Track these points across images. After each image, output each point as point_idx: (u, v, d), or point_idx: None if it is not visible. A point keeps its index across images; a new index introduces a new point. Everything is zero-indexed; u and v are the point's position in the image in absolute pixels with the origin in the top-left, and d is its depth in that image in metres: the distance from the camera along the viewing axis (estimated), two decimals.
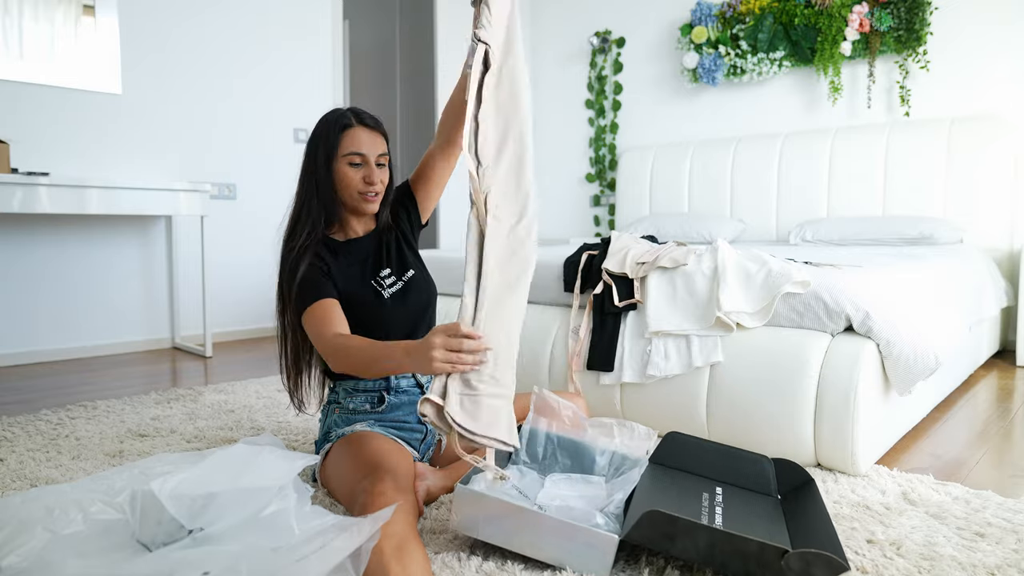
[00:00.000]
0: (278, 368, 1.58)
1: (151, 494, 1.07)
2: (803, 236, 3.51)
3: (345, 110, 1.52)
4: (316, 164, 1.49)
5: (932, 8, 3.48)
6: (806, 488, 1.41)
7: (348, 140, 1.48)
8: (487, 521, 1.20)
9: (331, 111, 1.53)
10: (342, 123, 1.49)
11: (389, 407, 1.53)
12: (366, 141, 1.49)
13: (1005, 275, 3.23)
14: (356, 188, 1.49)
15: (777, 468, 1.47)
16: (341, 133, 1.48)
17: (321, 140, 1.49)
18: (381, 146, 1.52)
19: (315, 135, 1.51)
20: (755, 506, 1.38)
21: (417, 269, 1.60)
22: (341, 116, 1.50)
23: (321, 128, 1.51)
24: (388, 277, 1.54)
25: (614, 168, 4.83)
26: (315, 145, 1.50)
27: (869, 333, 1.66)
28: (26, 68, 3.05)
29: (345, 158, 1.48)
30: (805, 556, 1.06)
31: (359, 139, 1.48)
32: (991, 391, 2.55)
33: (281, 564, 0.94)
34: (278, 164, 3.96)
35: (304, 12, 4.04)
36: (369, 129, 1.50)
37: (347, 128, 1.48)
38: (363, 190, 1.50)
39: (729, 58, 4.13)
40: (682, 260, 1.90)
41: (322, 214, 1.50)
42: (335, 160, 1.49)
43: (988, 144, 3.28)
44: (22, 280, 3.10)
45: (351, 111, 1.52)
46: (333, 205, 1.51)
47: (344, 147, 1.48)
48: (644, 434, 1.56)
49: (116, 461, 1.75)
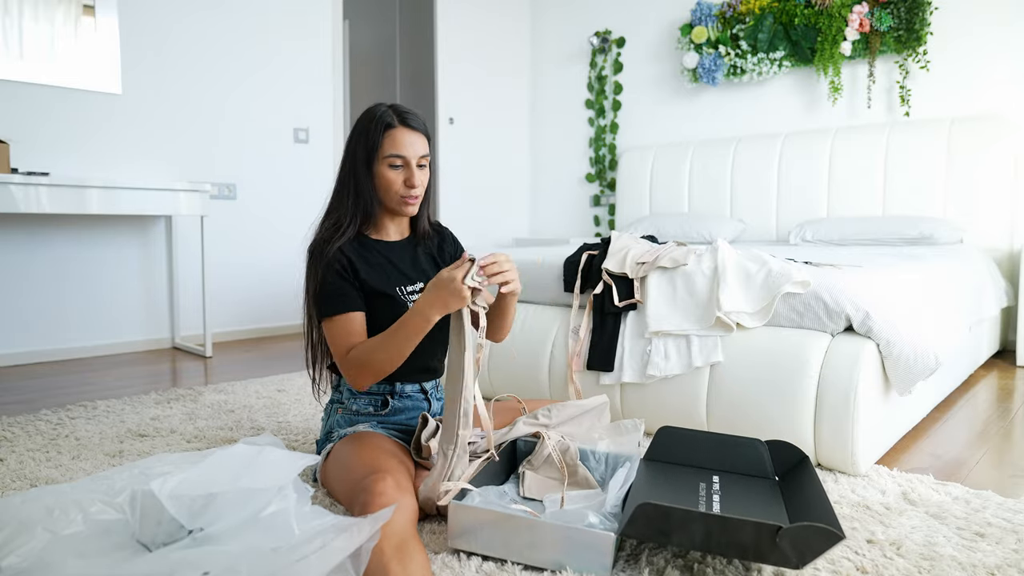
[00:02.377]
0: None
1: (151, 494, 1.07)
2: (803, 236, 3.51)
3: (388, 108, 1.47)
4: (356, 162, 1.46)
5: (932, 8, 3.48)
6: (801, 466, 1.42)
7: (390, 141, 1.44)
8: (483, 533, 1.21)
9: (375, 106, 1.48)
10: (385, 122, 1.44)
11: (393, 411, 1.53)
12: (408, 143, 1.45)
13: (1005, 275, 3.23)
14: (397, 191, 1.46)
15: (772, 450, 1.47)
16: (384, 133, 1.44)
17: (362, 138, 1.45)
18: (423, 147, 1.48)
19: (357, 131, 1.47)
20: (753, 490, 1.39)
21: None
22: (384, 115, 1.45)
23: (363, 124, 1.46)
24: (413, 294, 1.52)
25: (614, 168, 4.83)
26: (356, 142, 1.46)
27: (869, 333, 1.66)
28: (26, 68, 3.05)
29: (386, 160, 1.44)
30: (800, 530, 1.06)
31: (401, 141, 1.44)
32: (991, 391, 2.55)
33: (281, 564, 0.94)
34: (278, 164, 3.96)
35: (304, 12, 4.04)
36: (412, 130, 1.46)
37: (390, 128, 1.44)
38: (404, 193, 1.47)
39: (729, 58, 4.13)
40: (682, 260, 1.90)
41: (359, 214, 1.47)
42: (376, 161, 1.45)
43: (988, 144, 3.28)
44: (22, 280, 3.10)
45: (394, 109, 1.47)
46: (372, 206, 1.48)
47: (386, 148, 1.44)
48: (631, 427, 1.56)
49: (116, 461, 1.75)
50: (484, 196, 5.01)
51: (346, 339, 1.40)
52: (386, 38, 5.96)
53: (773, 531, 1.06)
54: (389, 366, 1.36)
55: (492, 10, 4.95)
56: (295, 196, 4.03)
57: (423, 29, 5.48)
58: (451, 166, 4.76)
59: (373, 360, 1.36)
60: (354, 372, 1.38)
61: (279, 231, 3.96)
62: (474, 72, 4.84)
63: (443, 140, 4.68)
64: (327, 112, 4.18)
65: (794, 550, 1.07)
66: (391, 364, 1.36)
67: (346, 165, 1.48)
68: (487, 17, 4.92)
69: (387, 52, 5.98)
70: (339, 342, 1.41)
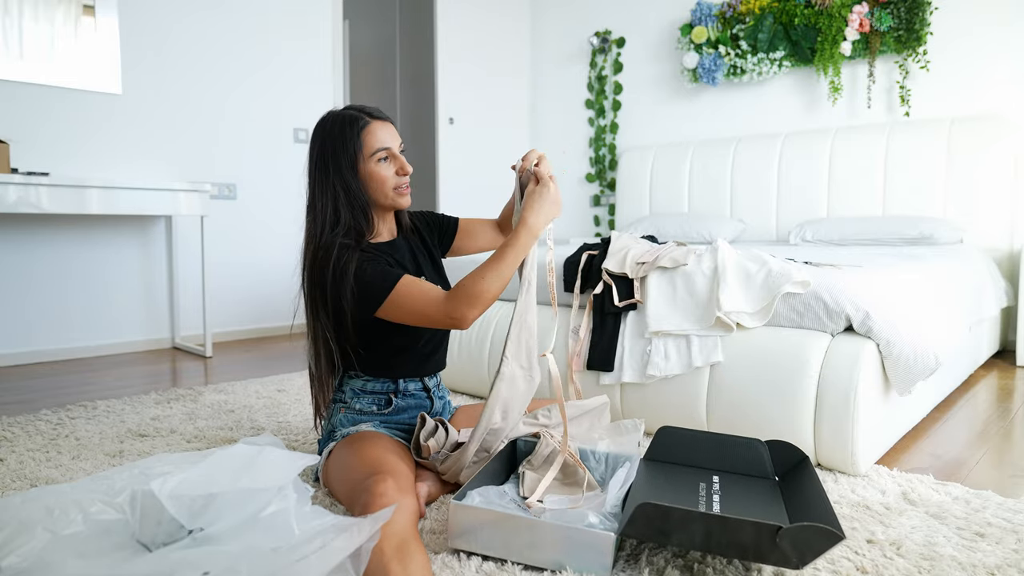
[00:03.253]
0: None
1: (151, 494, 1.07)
2: (803, 236, 3.51)
3: (348, 110, 1.46)
4: (340, 173, 1.42)
5: (932, 8, 3.48)
6: (801, 467, 1.42)
7: (371, 139, 1.43)
8: (483, 533, 1.21)
9: (331, 117, 1.46)
10: (359, 124, 1.43)
11: (396, 409, 1.53)
12: (387, 134, 1.45)
13: (1005, 275, 3.23)
14: (391, 183, 1.45)
15: (772, 450, 1.47)
16: (361, 134, 1.43)
17: (339, 147, 1.42)
18: (397, 136, 1.48)
19: (326, 143, 1.44)
20: (753, 490, 1.39)
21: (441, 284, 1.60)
22: (353, 118, 1.44)
23: (332, 134, 1.43)
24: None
25: (614, 168, 4.83)
26: (330, 154, 1.43)
27: (869, 333, 1.66)
28: (26, 68, 3.05)
29: (373, 157, 1.43)
30: (800, 531, 1.06)
31: (380, 135, 1.44)
32: (991, 391, 2.55)
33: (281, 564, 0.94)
34: (278, 164, 3.96)
35: (304, 12, 4.04)
36: (383, 121, 1.46)
37: (365, 127, 1.43)
38: (398, 183, 1.46)
39: (729, 58, 4.13)
40: (682, 260, 1.90)
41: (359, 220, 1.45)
42: (362, 162, 1.43)
43: (988, 144, 3.28)
44: (22, 280, 3.10)
45: (356, 109, 1.46)
46: (367, 209, 1.46)
47: (369, 146, 1.43)
48: (631, 427, 1.56)
49: (116, 461, 1.75)
50: (484, 196, 5.01)
51: (427, 293, 1.37)
52: (386, 38, 5.96)
53: (773, 531, 1.06)
54: (499, 289, 1.36)
55: (492, 10, 4.95)
56: (295, 196, 4.03)
57: (423, 29, 5.48)
58: (451, 166, 4.75)
59: (486, 287, 1.34)
60: (464, 306, 1.34)
61: (279, 231, 3.96)
62: (474, 72, 4.84)
63: (443, 140, 4.68)
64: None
65: (794, 550, 1.07)
66: (502, 286, 1.37)
67: (324, 180, 1.44)
68: (487, 17, 4.92)
69: (387, 52, 5.98)
70: (423, 299, 1.36)
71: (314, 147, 1.46)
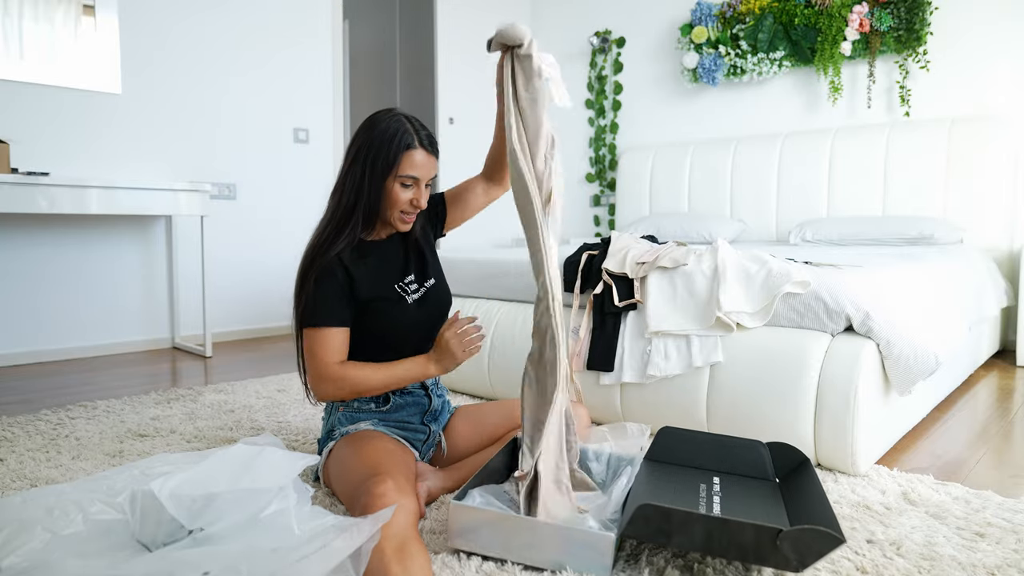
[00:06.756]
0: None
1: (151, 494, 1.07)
2: (803, 236, 3.51)
3: (408, 125, 1.44)
4: (371, 173, 1.43)
5: (932, 8, 3.48)
6: (802, 469, 1.42)
7: (408, 162, 1.42)
8: (483, 533, 1.21)
9: (392, 118, 1.44)
10: (406, 142, 1.42)
11: (394, 407, 1.53)
12: (424, 165, 1.44)
13: (1005, 275, 3.23)
14: (401, 208, 1.46)
15: (773, 452, 1.47)
16: (403, 152, 1.42)
17: (379, 152, 1.42)
18: (434, 169, 1.48)
19: (373, 142, 1.43)
20: (753, 492, 1.39)
21: (438, 279, 1.60)
22: (405, 134, 1.42)
23: (381, 137, 1.42)
24: (412, 283, 1.53)
25: (614, 168, 4.83)
26: (370, 153, 1.43)
27: (869, 333, 1.66)
28: (26, 68, 3.05)
29: (399, 179, 1.43)
30: (800, 534, 1.06)
31: (419, 163, 1.43)
32: (991, 391, 2.55)
33: (281, 564, 0.94)
34: (278, 164, 3.96)
35: (304, 12, 4.04)
36: (428, 153, 1.45)
37: (410, 149, 1.42)
38: (407, 211, 1.47)
39: (729, 58, 4.13)
40: (682, 260, 1.90)
41: (361, 223, 1.46)
42: (389, 177, 1.43)
43: (988, 144, 3.28)
44: (22, 280, 3.10)
45: (414, 128, 1.44)
46: (371, 216, 1.47)
47: (403, 167, 1.42)
48: (636, 431, 1.56)
49: (116, 461, 1.75)
50: None
51: (327, 354, 1.41)
52: (386, 38, 5.96)
53: (774, 534, 1.06)
54: (368, 394, 1.45)
55: (492, 10, 4.95)
56: (295, 196, 4.04)
57: (423, 29, 5.48)
58: (451, 166, 4.75)
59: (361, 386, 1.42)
60: (330, 386, 1.41)
61: (279, 231, 3.96)
62: (474, 72, 4.84)
63: (443, 140, 4.68)
64: (327, 112, 4.18)
65: (795, 553, 1.07)
66: (371, 393, 1.45)
67: (356, 172, 1.45)
68: (487, 17, 4.92)
69: (387, 52, 5.98)
70: (319, 354, 1.41)
71: (360, 135, 1.46)
